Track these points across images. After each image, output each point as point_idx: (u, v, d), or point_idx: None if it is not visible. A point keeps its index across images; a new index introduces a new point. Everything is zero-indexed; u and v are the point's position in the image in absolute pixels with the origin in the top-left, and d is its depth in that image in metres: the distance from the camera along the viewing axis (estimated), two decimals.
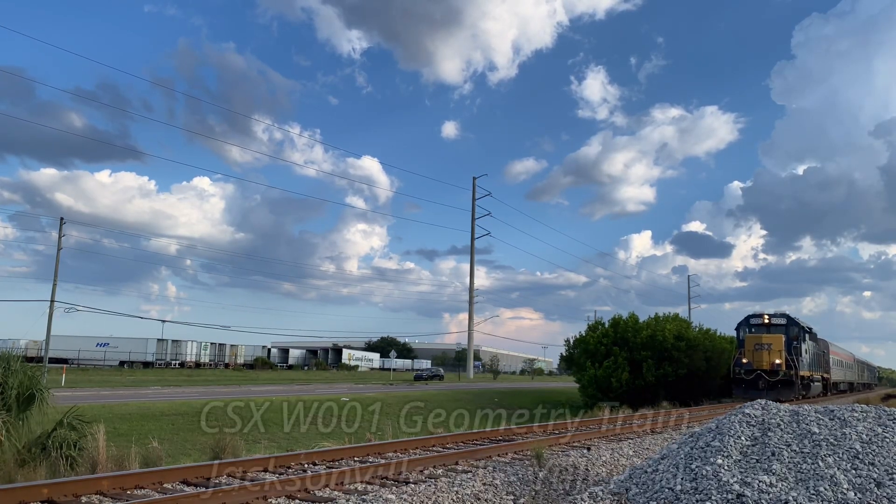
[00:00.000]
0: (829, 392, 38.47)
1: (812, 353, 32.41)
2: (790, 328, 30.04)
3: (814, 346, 33.77)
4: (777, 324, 30.35)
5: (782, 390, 27.67)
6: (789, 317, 31.03)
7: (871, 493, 5.56)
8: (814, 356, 33.15)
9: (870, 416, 7.06)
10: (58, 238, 41.11)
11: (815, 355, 33.77)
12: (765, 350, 28.71)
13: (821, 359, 35.69)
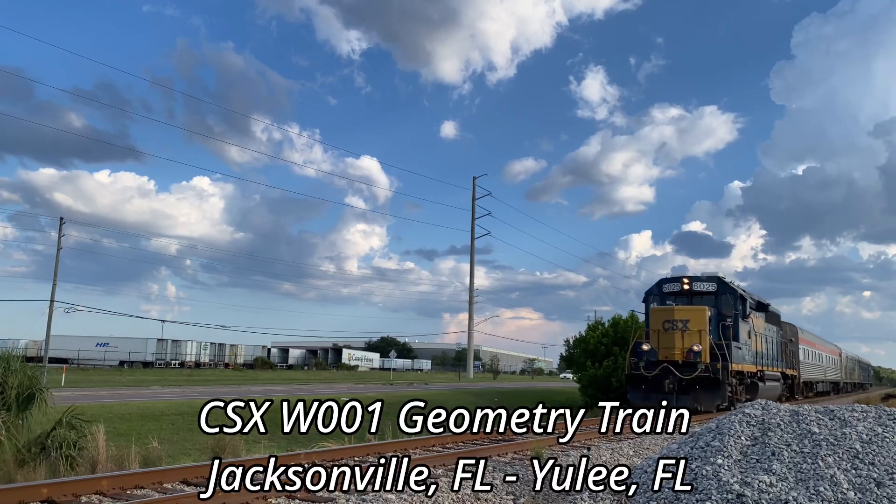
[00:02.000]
0: (797, 395, 28.75)
1: (764, 339, 23.15)
2: (722, 299, 19.96)
3: (770, 331, 24.48)
4: (702, 291, 20.20)
5: (702, 394, 18.05)
6: (722, 281, 20.53)
7: (871, 493, 5.55)
8: (770, 345, 24.04)
9: (870, 416, 7.06)
10: (58, 238, 41.11)
11: (773, 343, 24.63)
12: (678, 331, 18.61)
13: (784, 349, 26.53)
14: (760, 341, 22.55)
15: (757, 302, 23.49)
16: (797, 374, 29.28)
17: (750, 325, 21.07)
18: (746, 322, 20.65)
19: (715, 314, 19.48)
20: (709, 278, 20.54)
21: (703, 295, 20.18)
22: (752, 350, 21.11)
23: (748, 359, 20.48)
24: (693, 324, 18.58)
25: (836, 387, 44.62)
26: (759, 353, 22.02)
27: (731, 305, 20.01)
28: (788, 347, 28.33)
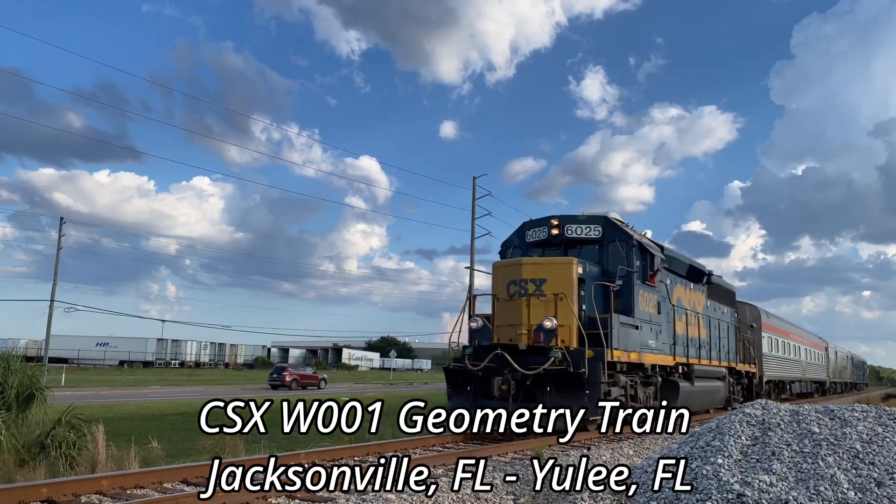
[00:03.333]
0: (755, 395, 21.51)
1: (698, 320, 16.92)
2: (610, 250, 13.37)
3: (714, 311, 18.65)
4: (580, 238, 13.64)
5: (559, 396, 11.08)
6: (612, 224, 13.78)
7: (871, 493, 5.55)
8: (712, 329, 18.05)
9: (870, 416, 7.06)
10: (58, 238, 41.11)
11: (718, 328, 18.62)
12: (526, 297, 11.90)
13: (737, 338, 20.62)
14: (690, 322, 16.27)
15: (688, 266, 16.65)
16: (756, 369, 22.43)
17: (662, 294, 14.54)
18: (653, 289, 13.94)
19: (597, 273, 12.78)
20: (591, 219, 13.65)
21: (582, 245, 13.57)
22: (670, 333, 14.80)
23: (656, 345, 13.72)
24: (552, 285, 11.64)
25: (820, 387, 37.29)
26: (684, 338, 15.63)
27: (624, 260, 13.01)
28: (743, 335, 21.72)
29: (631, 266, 13.10)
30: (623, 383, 12.49)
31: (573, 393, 10.94)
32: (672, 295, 15.50)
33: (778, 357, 27.83)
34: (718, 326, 18.99)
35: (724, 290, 20.62)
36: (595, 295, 12.26)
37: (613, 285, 12.48)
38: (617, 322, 12.03)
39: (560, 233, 13.69)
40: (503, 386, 11.17)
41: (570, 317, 11.58)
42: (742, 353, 21.47)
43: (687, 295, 16.81)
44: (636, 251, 13.35)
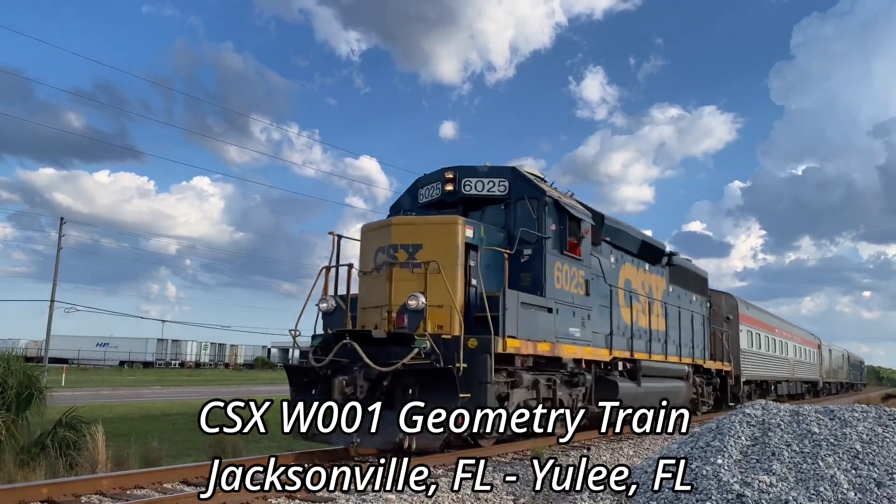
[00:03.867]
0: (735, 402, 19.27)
1: (651, 305, 14.60)
2: (518, 209, 10.70)
3: (677, 297, 16.39)
4: (483, 196, 10.89)
5: (425, 400, 8.12)
6: (520, 176, 10.91)
7: (871, 493, 5.56)
8: (672, 319, 15.68)
9: (870, 416, 7.06)
10: (58, 238, 41.13)
11: (680, 318, 16.15)
12: (396, 266, 9.10)
13: (707, 328, 18.35)
14: (643, 310, 14.00)
15: (640, 243, 14.18)
16: (730, 366, 19.79)
17: (595, 271, 11.78)
18: (578, 263, 11.02)
19: (501, 240, 10.07)
20: (496, 171, 10.84)
21: (486, 204, 10.86)
22: (607, 320, 12.30)
23: (582, 334, 11.00)
24: (429, 251, 9.01)
25: (812, 388, 34.65)
26: (632, 328, 13.37)
27: (534, 223, 10.28)
28: (717, 328, 19.56)
29: (543, 230, 10.24)
30: (531, 383, 9.75)
31: (444, 395, 8.00)
32: (618, 275, 13.04)
33: (759, 354, 24.45)
34: (683, 317, 16.34)
35: (692, 274, 17.89)
36: (494, 267, 9.63)
37: (523, 255, 10.09)
38: (515, 301, 9.17)
39: (456, 188, 10.80)
40: (347, 388, 8.41)
41: (450, 294, 8.69)
42: (715, 349, 19.07)
43: (640, 277, 14.33)
44: (551, 212, 10.50)
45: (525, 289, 9.88)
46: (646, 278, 14.78)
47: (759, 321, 25.42)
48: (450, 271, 8.97)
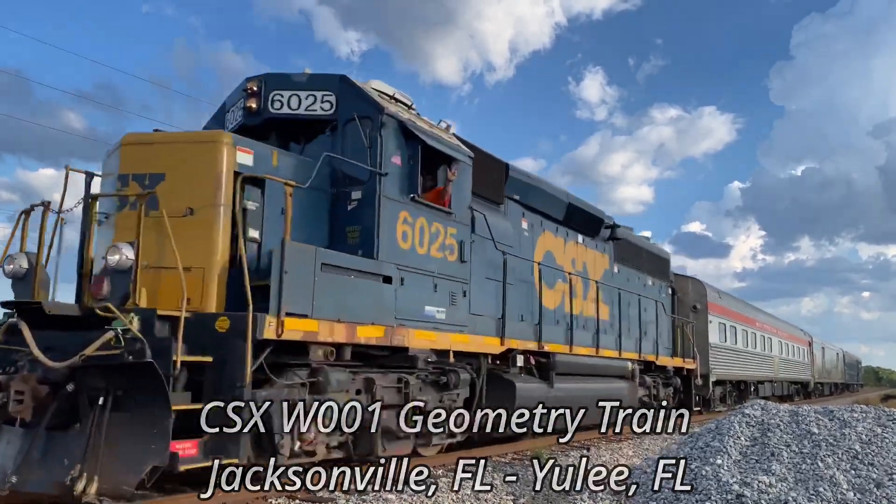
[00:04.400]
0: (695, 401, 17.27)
1: (587, 287, 12.31)
2: (348, 133, 7.42)
3: (624, 279, 14.06)
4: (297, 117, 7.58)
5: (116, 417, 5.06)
6: (349, 85, 7.51)
7: (870, 494, 5.58)
8: (613, 304, 13.22)
9: (869, 417, 7.08)
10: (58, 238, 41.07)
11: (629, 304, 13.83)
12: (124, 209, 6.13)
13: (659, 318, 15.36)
14: (568, 290, 11.26)
15: (567, 206, 11.76)
16: (695, 364, 16.74)
17: (482, 232, 9.07)
18: (444, 217, 8.30)
19: (323, 177, 7.22)
20: (317, 81, 7.74)
21: (307, 128, 7.93)
22: (499, 298, 9.34)
23: (449, 315, 8.27)
24: (174, 185, 6.12)
25: (802, 389, 32.32)
26: (554, 312, 10.93)
27: (366, 152, 7.32)
28: (679, 319, 16.97)
29: (378, 164, 7.19)
30: (342, 385, 6.64)
31: (147, 407, 5.12)
32: (533, 245, 10.51)
33: (734, 350, 21.23)
34: (632, 303, 13.71)
35: (648, 254, 15.35)
36: (313, 214, 6.98)
37: (352, 199, 7.16)
38: (305, 261, 6.12)
39: (260, 106, 7.59)
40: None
41: (206, 249, 6.06)
42: (673, 341, 16.33)
43: (569, 251, 11.79)
44: (394, 139, 7.46)
45: (352, 248, 7.02)
46: (578, 253, 12.21)
47: (735, 312, 22.19)
48: (205, 215, 6.05)
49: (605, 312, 12.76)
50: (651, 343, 14.74)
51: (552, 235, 11.57)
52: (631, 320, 13.88)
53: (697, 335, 17.83)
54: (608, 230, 13.56)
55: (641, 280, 15.06)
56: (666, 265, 16.91)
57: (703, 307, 18.93)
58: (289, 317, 5.98)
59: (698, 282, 19.47)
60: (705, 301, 19.10)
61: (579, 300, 11.91)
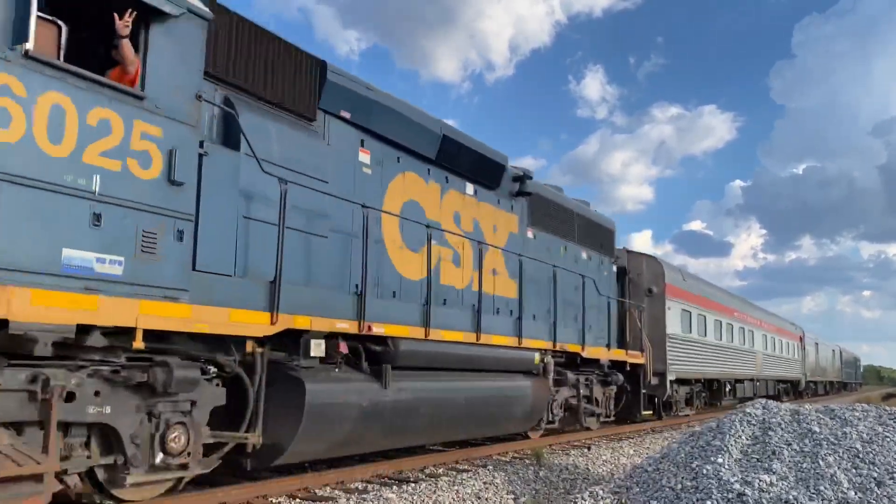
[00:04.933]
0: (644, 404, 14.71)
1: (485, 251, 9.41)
2: None
3: (538, 243, 11.19)
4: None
5: None
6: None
7: (871, 493, 5.57)
8: (531, 278, 10.53)
9: (870, 416, 7.08)
10: None
11: (557, 280, 11.07)
12: None
13: (588, 300, 12.15)
14: (446, 254, 8.93)
15: (441, 140, 8.91)
16: (647, 361, 14.21)
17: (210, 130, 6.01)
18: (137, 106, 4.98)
19: None
20: None
21: None
22: (258, 241, 6.24)
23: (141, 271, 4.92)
24: None
25: (793, 388, 29.63)
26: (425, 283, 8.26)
27: None
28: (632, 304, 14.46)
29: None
30: None
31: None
32: (383, 188, 8.03)
33: (701, 343, 17.99)
34: (557, 279, 10.95)
35: (581, 220, 12.50)
36: None
37: None
38: None
39: None
40: None
41: None
42: (628, 333, 13.96)
43: (450, 203, 9.13)
44: None
45: None
46: (466, 207, 9.35)
47: (705, 299, 18.89)
48: None
49: (509, 288, 9.95)
50: (575, 330, 11.46)
51: (418, 179, 8.58)
52: (555, 300, 10.94)
53: (651, 323, 15.06)
54: (516, 183, 10.55)
55: (572, 252, 12.16)
56: (608, 237, 13.88)
57: (660, 290, 15.62)
58: None
59: (654, 260, 16.23)
60: (662, 283, 15.70)
61: (466, 269, 9.08)
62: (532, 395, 9.85)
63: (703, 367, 18.08)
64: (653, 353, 14.70)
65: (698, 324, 18.07)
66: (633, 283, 15.33)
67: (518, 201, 10.76)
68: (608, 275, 13.78)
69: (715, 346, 19.38)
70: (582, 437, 12.01)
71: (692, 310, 17.67)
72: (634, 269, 15.60)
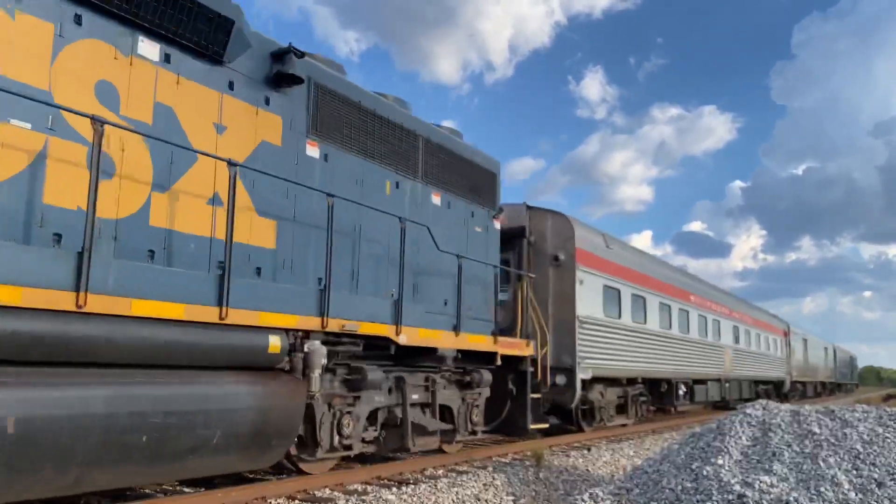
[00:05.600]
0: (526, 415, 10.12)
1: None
2: None
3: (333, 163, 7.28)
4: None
5: None
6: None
7: (872, 494, 5.56)
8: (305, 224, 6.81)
9: (871, 417, 7.06)
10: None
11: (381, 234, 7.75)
12: None
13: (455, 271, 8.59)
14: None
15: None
16: (534, 351, 10.35)
17: None
18: None
19: None
20: None
21: None
22: None
23: None
24: None
25: (775, 389, 26.00)
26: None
27: None
28: (526, 275, 10.87)
29: None
30: None
31: None
32: None
33: (636, 331, 13.90)
34: (365, 227, 7.73)
35: (427, 144, 8.91)
36: None
37: None
38: None
39: None
40: None
41: None
42: (520, 314, 10.47)
43: (116, 76, 5.38)
44: None
45: None
46: (145, 86, 5.64)
47: (643, 275, 14.57)
48: None
49: (259, 233, 6.51)
50: (390, 304, 7.49)
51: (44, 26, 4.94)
52: (354, 259, 7.59)
53: (557, 302, 11.48)
54: (276, 63, 6.71)
55: (408, 190, 8.60)
56: (488, 182, 10.14)
57: (569, 257, 11.68)
58: None
59: (562, 218, 12.07)
60: (572, 247, 11.76)
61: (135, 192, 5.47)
62: (256, 406, 5.87)
63: (639, 364, 13.87)
64: (555, 341, 11.10)
65: (633, 306, 13.90)
66: (535, 248, 11.68)
67: (286, 94, 6.92)
68: (486, 233, 10.00)
69: (660, 336, 15.00)
70: (582, 438, 12.00)
71: (622, 287, 13.50)
72: (537, 230, 11.82)
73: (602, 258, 12.95)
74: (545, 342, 11.02)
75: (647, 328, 14.58)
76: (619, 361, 13.12)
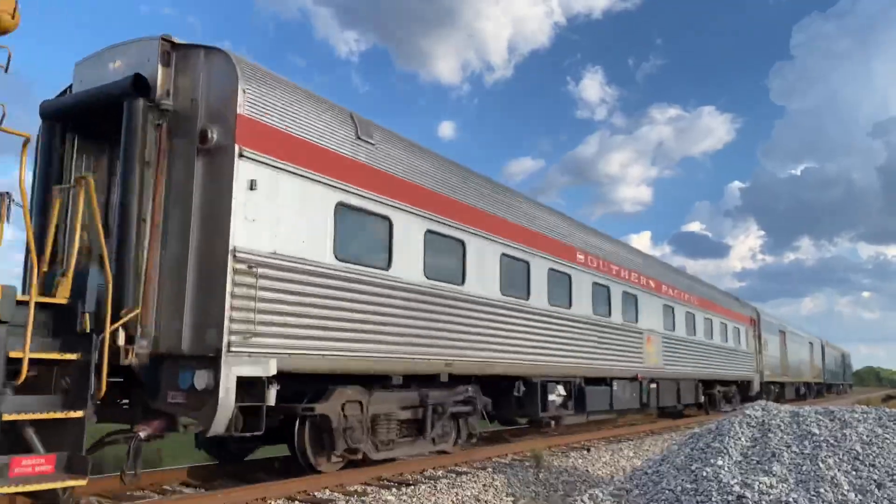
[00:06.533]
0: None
1: None
2: None
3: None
4: None
5: None
6: None
7: (871, 495, 5.56)
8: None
9: (870, 418, 7.06)
10: None
11: None
12: None
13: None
14: None
15: None
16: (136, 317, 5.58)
17: None
18: None
19: None
20: None
21: None
22: None
23: None
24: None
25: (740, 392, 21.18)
26: None
27: None
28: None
29: None
30: None
31: None
32: None
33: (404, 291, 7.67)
34: None
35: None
36: None
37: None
38: None
39: None
40: None
41: None
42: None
43: None
44: None
45: None
46: None
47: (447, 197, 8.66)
48: None
49: None
50: None
51: None
52: None
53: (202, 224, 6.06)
54: None
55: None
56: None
57: (228, 132, 6.06)
58: None
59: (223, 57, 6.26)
60: (233, 112, 6.11)
61: None
62: None
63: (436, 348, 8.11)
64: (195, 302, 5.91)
65: (427, 249, 8.17)
66: (176, 118, 6.27)
67: None
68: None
69: (493, 304, 9.27)
70: (581, 438, 12.00)
71: (390, 212, 7.70)
72: (182, 83, 6.36)
73: (337, 153, 7.08)
74: (141, 300, 5.86)
75: (463, 290, 8.73)
76: (364, 343, 7.10)
